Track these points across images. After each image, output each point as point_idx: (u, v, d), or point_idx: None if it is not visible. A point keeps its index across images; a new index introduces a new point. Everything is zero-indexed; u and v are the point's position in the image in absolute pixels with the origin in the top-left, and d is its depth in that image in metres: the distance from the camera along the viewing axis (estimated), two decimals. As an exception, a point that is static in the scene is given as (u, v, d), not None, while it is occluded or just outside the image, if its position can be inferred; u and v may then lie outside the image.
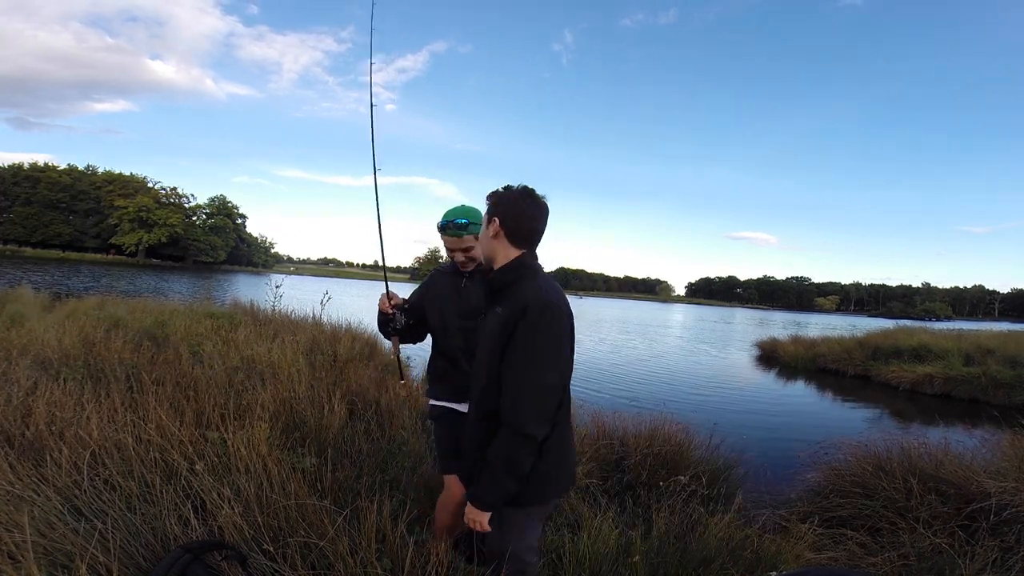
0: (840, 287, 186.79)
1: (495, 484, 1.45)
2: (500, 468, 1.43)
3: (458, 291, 2.11)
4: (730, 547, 2.40)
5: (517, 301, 1.47)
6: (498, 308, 1.53)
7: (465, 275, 2.12)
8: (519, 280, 1.53)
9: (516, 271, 1.54)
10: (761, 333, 21.62)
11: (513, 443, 1.41)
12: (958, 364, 10.53)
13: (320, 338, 5.95)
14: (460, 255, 2.06)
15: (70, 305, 7.95)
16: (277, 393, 3.32)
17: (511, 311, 1.46)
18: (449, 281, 2.15)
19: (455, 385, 2.09)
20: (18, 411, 2.61)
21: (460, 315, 2.08)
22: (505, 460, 1.42)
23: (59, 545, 1.63)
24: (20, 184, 67.33)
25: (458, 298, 2.10)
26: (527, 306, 1.43)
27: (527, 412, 1.40)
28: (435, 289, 2.18)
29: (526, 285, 1.51)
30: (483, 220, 1.63)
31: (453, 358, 2.10)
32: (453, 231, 2.01)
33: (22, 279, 15.49)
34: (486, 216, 1.60)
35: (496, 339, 1.49)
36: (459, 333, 2.07)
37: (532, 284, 1.51)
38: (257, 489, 2.00)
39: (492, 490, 1.46)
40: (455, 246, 2.04)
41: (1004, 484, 2.94)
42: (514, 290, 1.51)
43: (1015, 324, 42.53)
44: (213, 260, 74.94)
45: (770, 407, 8.56)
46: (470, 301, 2.08)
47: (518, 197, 1.56)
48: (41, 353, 3.98)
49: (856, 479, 3.42)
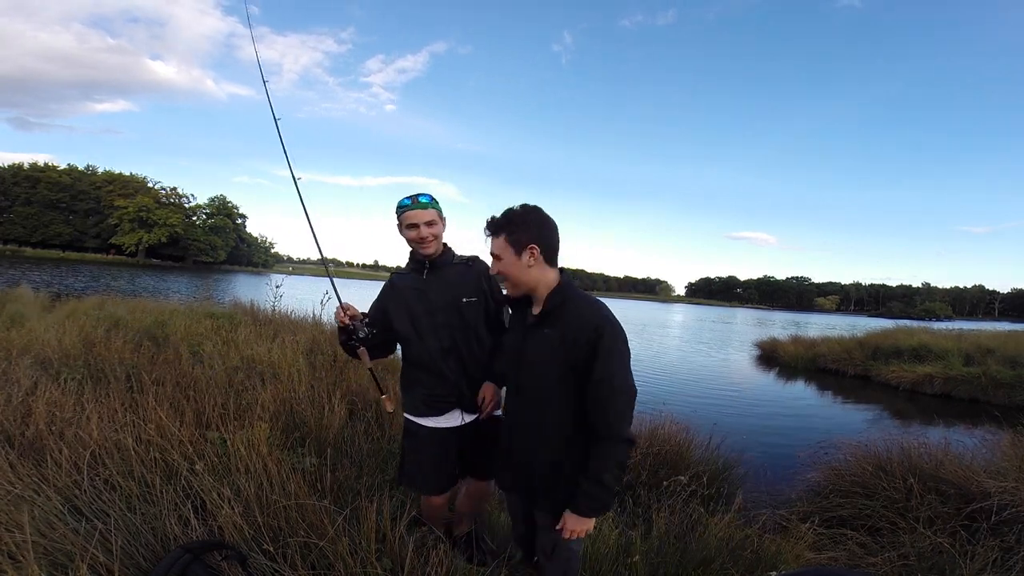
0: (840, 287, 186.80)
1: (608, 491, 1.50)
2: (612, 475, 1.49)
3: (421, 288, 2.01)
4: (730, 547, 2.40)
5: (583, 320, 1.50)
6: (547, 330, 1.55)
7: (426, 268, 2.02)
8: (567, 300, 1.55)
9: (564, 292, 1.57)
10: (761, 333, 21.62)
11: (620, 450, 1.49)
12: (958, 364, 10.52)
13: (320, 338, 5.94)
14: (424, 229, 1.94)
15: (70, 305, 7.94)
16: (277, 393, 3.32)
17: (577, 331, 1.49)
18: (410, 281, 2.04)
19: (433, 395, 1.99)
20: (18, 411, 2.61)
21: (431, 312, 1.98)
22: (617, 466, 1.50)
23: (59, 545, 1.63)
24: (20, 184, 67.32)
25: (424, 296, 2.00)
26: (600, 325, 1.47)
27: (625, 420, 1.49)
28: (398, 293, 2.05)
29: (581, 304, 1.54)
30: (502, 250, 1.57)
31: (429, 364, 1.99)
32: (418, 204, 1.95)
33: (22, 279, 15.50)
34: (511, 245, 1.55)
35: (560, 363, 1.52)
36: (434, 332, 1.97)
37: (586, 302, 1.56)
38: (257, 489, 2.00)
39: (607, 498, 1.52)
40: (421, 218, 1.94)
41: (1004, 484, 2.94)
42: (568, 310, 1.54)
43: (1015, 324, 42.51)
44: (213, 260, 74.92)
45: (770, 407, 8.56)
46: (438, 295, 1.99)
47: (543, 216, 1.58)
48: (41, 353, 3.98)
49: (856, 479, 3.42)
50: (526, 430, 1.65)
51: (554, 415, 1.57)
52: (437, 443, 2.02)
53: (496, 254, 1.59)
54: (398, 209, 1.99)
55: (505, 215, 1.58)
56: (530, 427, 1.63)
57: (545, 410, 1.59)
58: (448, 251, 2.08)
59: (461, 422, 2.01)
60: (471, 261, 2.08)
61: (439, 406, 2.00)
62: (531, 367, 1.61)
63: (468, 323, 1.99)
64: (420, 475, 2.07)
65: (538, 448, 1.61)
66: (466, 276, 2.04)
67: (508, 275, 1.59)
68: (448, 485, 2.10)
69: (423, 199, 1.97)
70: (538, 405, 1.60)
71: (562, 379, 1.53)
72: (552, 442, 1.59)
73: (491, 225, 1.59)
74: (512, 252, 1.55)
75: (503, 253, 1.57)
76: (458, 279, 2.02)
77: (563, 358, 1.51)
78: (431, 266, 2.02)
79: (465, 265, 2.07)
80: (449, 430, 2.02)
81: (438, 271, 2.02)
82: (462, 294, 2.00)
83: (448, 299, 1.99)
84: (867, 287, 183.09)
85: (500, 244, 1.57)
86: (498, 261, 1.59)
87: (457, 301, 1.99)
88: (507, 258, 1.56)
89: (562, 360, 1.51)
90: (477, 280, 2.04)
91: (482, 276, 2.05)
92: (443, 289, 2.00)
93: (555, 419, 1.57)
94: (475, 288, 2.02)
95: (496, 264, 1.60)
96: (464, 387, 1.99)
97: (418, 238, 1.96)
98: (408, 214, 1.96)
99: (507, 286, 1.65)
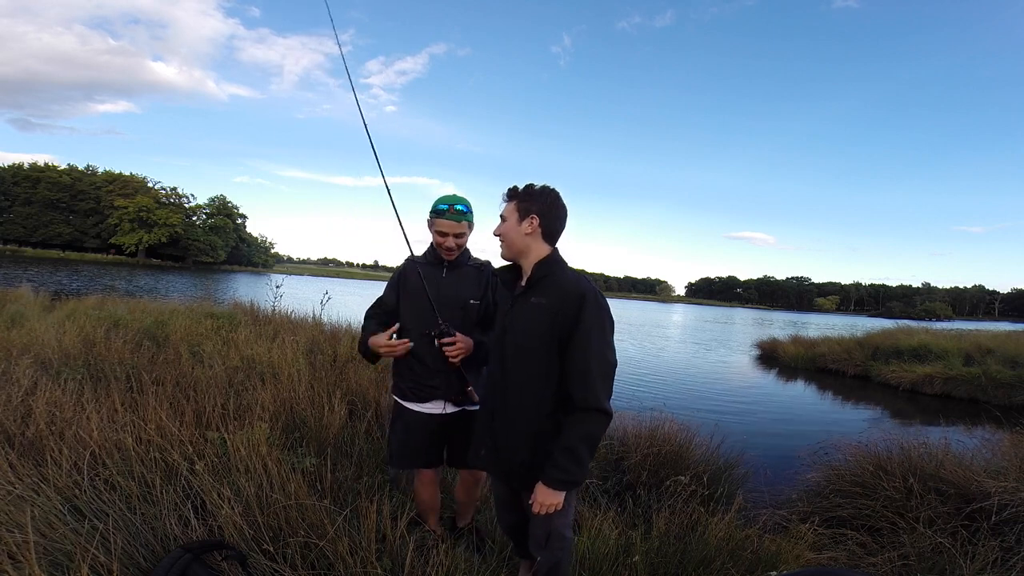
0: (840, 287, 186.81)
1: (579, 463, 1.49)
2: (585, 447, 1.48)
3: (435, 283, 2.06)
4: (730, 547, 2.40)
5: (567, 290, 1.55)
6: (534, 299, 1.60)
7: (445, 266, 2.09)
8: (553, 272, 1.62)
9: (551, 265, 1.63)
10: (761, 333, 21.61)
11: (594, 420, 1.49)
12: (958, 364, 10.52)
13: (320, 338, 5.94)
14: (452, 240, 2.03)
15: (70, 305, 7.93)
16: (277, 393, 3.32)
17: (561, 300, 1.54)
18: (426, 273, 2.08)
19: (420, 385, 2.07)
20: (18, 411, 2.60)
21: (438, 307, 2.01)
22: (589, 437, 1.49)
23: (60, 545, 1.63)
24: (20, 184, 67.25)
25: (436, 291, 2.04)
26: (583, 294, 1.52)
27: (602, 390, 1.49)
28: (411, 282, 2.11)
29: (566, 276, 1.61)
30: (510, 214, 1.66)
31: (422, 356, 2.04)
32: (455, 216, 2.01)
33: (22, 279, 15.49)
34: (518, 211, 1.64)
35: (545, 331, 1.55)
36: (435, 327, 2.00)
37: (572, 274, 1.62)
38: (257, 489, 2.00)
39: (577, 470, 1.50)
40: (452, 230, 2.01)
41: (1004, 484, 2.94)
42: (553, 281, 1.60)
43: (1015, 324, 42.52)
44: (213, 260, 74.85)
45: (770, 407, 8.56)
46: (448, 293, 2.05)
47: (556, 197, 1.66)
48: (41, 353, 3.97)
49: (856, 479, 3.41)
50: (508, 409, 1.65)
51: (537, 389, 1.58)
52: (420, 424, 2.10)
53: (503, 215, 1.68)
54: (433, 211, 2.05)
55: (525, 187, 1.67)
56: (512, 405, 1.64)
57: (528, 384, 1.60)
58: (465, 252, 2.17)
59: (443, 410, 2.08)
60: (483, 266, 2.17)
61: (423, 395, 2.08)
62: (516, 336, 1.63)
63: (468, 323, 2.07)
64: (400, 452, 2.16)
65: (521, 427, 1.62)
66: (476, 279, 2.13)
67: (504, 234, 1.67)
68: (426, 464, 2.17)
69: (459, 208, 2.02)
70: (522, 379, 1.61)
71: (546, 347, 1.55)
72: (534, 421, 1.59)
73: (510, 192, 1.69)
74: (516, 217, 1.65)
75: (508, 216, 1.66)
76: (469, 281, 2.11)
77: (548, 327, 1.54)
78: (449, 264, 2.11)
79: (477, 269, 2.15)
80: (431, 415, 2.09)
81: (454, 270, 2.11)
82: (469, 295, 2.09)
83: (456, 298, 2.06)
84: (867, 287, 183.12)
85: (509, 208, 1.67)
86: (502, 222, 1.68)
87: (464, 301, 2.08)
88: (510, 221, 1.66)
89: (547, 328, 1.55)
90: (484, 284, 2.13)
91: (490, 283, 2.14)
92: (454, 288, 2.08)
93: (538, 394, 1.58)
94: (481, 292, 2.12)
95: (499, 225, 1.69)
96: (453, 381, 2.05)
97: (444, 246, 2.05)
98: (441, 222, 2.02)
99: (501, 247, 1.71)
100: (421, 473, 2.21)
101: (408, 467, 2.29)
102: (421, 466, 2.18)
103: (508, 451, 1.66)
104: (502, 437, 1.67)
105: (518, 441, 1.63)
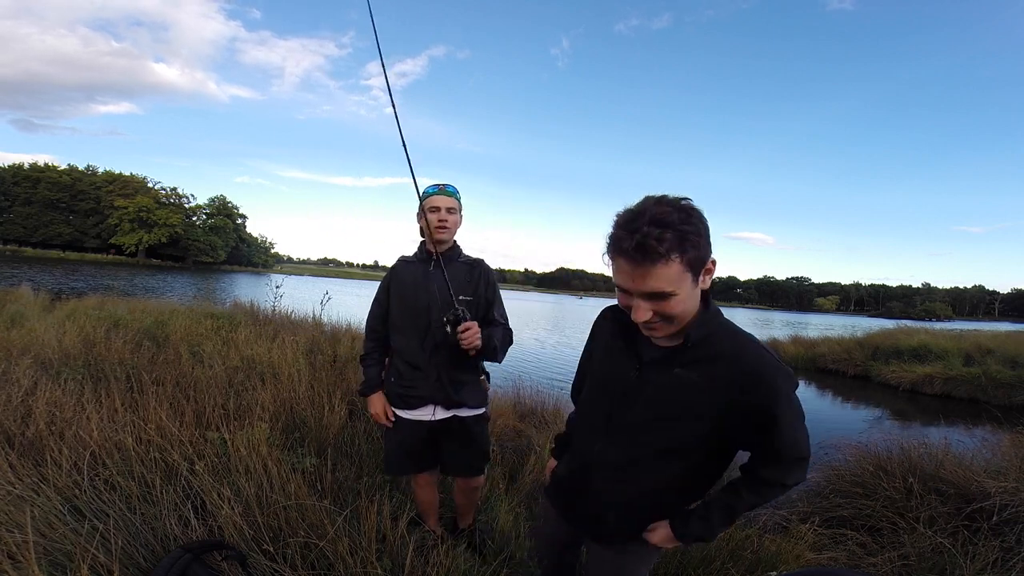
0: (840, 287, 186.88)
1: (727, 526, 1.25)
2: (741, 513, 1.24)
3: (423, 281, 2.02)
4: (730, 547, 2.40)
5: (741, 368, 1.08)
6: (680, 370, 1.13)
7: (432, 261, 2.03)
8: (717, 334, 1.13)
9: (709, 322, 1.13)
10: (761, 333, 21.54)
11: (767, 495, 1.22)
12: (958, 364, 10.52)
13: (320, 338, 5.93)
14: (444, 213, 1.98)
15: (70, 305, 7.93)
16: (277, 393, 3.31)
17: (733, 382, 1.09)
18: (414, 271, 2.06)
19: (408, 390, 2.02)
20: (18, 411, 2.60)
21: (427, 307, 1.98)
22: (749, 507, 1.23)
23: (59, 545, 1.63)
24: (20, 184, 67.26)
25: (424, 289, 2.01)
26: (772, 376, 1.07)
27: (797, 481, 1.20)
28: (399, 282, 2.08)
29: (737, 343, 1.11)
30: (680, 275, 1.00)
31: (411, 358, 2.00)
32: (444, 192, 2.01)
33: (22, 279, 15.49)
34: (690, 266, 1.00)
35: (696, 416, 1.14)
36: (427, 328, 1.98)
37: (747, 341, 1.12)
38: (257, 489, 2.00)
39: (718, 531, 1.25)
40: (444, 203, 1.99)
41: (1004, 484, 2.94)
42: (717, 350, 1.10)
43: (1015, 324, 42.49)
44: (213, 260, 74.87)
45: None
46: (438, 291, 1.99)
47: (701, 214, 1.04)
48: (41, 353, 3.97)
49: (856, 479, 3.41)
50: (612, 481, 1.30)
51: (664, 474, 1.23)
52: (407, 430, 2.08)
53: (666, 291, 1.00)
54: (423, 195, 2.03)
55: (666, 222, 0.95)
56: (622, 481, 1.28)
57: (652, 467, 1.23)
58: (456, 247, 2.12)
59: (432, 416, 2.04)
60: (475, 263, 2.11)
61: (412, 402, 2.04)
62: (648, 412, 1.20)
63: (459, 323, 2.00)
64: (391, 460, 2.16)
65: (626, 503, 1.29)
66: (467, 276, 2.06)
67: (679, 314, 1.05)
68: (419, 470, 2.16)
69: (449, 188, 2.04)
70: (641, 459, 1.24)
71: (694, 436, 1.16)
72: (648, 503, 1.28)
73: (654, 251, 0.96)
74: (691, 280, 1.02)
75: (679, 286, 1.00)
76: (459, 278, 2.03)
77: (707, 413, 1.12)
78: (437, 260, 2.03)
79: (468, 265, 2.09)
80: (420, 422, 2.06)
81: (445, 266, 2.02)
82: (461, 292, 2.01)
83: (447, 297, 1.98)
84: (867, 287, 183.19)
85: (673, 274, 0.98)
86: (665, 301, 1.02)
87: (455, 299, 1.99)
88: (683, 291, 1.01)
89: (705, 416, 1.13)
90: (476, 282, 2.06)
91: (482, 279, 2.08)
92: (444, 286, 1.99)
93: (663, 478, 1.24)
94: (473, 290, 2.05)
95: (664, 303, 1.02)
96: (445, 384, 2.00)
97: (437, 221, 1.99)
98: (433, 198, 2.01)
99: (658, 328, 1.09)
100: (417, 476, 2.21)
101: (401, 474, 2.29)
102: (414, 472, 2.18)
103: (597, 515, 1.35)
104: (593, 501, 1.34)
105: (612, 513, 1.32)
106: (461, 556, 1.97)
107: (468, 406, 2.06)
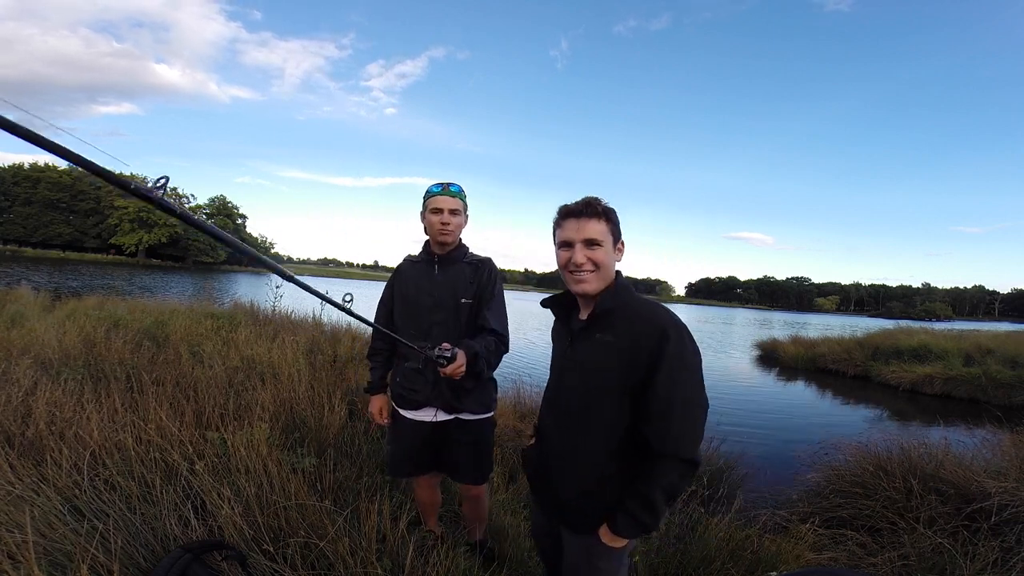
0: (840, 287, 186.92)
1: (654, 513, 1.32)
2: (663, 497, 1.30)
3: (427, 283, 2.01)
4: (730, 547, 2.40)
5: (642, 325, 1.33)
6: (599, 334, 1.39)
7: (437, 263, 2.02)
8: (624, 303, 1.40)
9: (620, 294, 1.42)
10: (761, 333, 21.60)
11: (679, 470, 1.31)
12: (958, 364, 10.52)
13: (320, 338, 5.93)
14: (447, 215, 1.96)
15: (70, 305, 7.93)
16: (277, 393, 3.31)
17: (635, 337, 1.32)
18: (418, 272, 2.05)
19: (410, 391, 2.02)
20: (18, 411, 2.60)
21: (430, 309, 1.98)
22: (671, 488, 1.31)
23: (59, 545, 1.63)
24: (20, 184, 67.24)
25: (428, 291, 2.00)
26: (664, 329, 1.29)
27: (691, 437, 1.31)
28: (403, 282, 2.07)
29: (640, 307, 1.38)
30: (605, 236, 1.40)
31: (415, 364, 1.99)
32: (448, 193, 1.98)
33: (22, 279, 15.48)
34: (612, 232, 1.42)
35: (614, 372, 1.36)
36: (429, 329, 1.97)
37: (647, 305, 1.39)
38: (257, 489, 2.00)
39: (650, 521, 1.33)
40: (447, 204, 1.96)
41: (1004, 484, 2.94)
42: (625, 313, 1.38)
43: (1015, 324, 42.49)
44: (213, 260, 74.91)
45: (770, 407, 8.55)
46: (442, 293, 1.98)
47: None
48: (41, 353, 3.97)
49: (856, 479, 3.42)
50: (562, 453, 1.50)
51: (597, 434, 1.41)
52: (409, 431, 2.06)
53: (597, 240, 1.40)
54: (426, 194, 2.01)
55: (604, 204, 1.43)
56: (566, 449, 1.48)
57: (587, 428, 1.42)
58: (462, 247, 2.09)
59: (434, 417, 2.02)
60: (480, 263, 2.07)
61: (413, 402, 2.03)
62: (578, 377, 1.45)
63: (462, 324, 1.99)
64: (393, 460, 2.15)
65: (573, 472, 1.46)
66: (471, 277, 2.03)
67: (604, 264, 1.41)
68: (420, 472, 2.15)
69: (453, 188, 2.00)
70: (579, 422, 1.44)
71: (613, 391, 1.36)
72: (589, 467, 1.43)
73: (594, 208, 1.41)
74: (611, 242, 1.42)
75: (605, 240, 1.41)
76: (464, 279, 2.01)
77: (618, 367, 1.35)
78: (441, 261, 2.01)
79: (473, 266, 2.05)
80: (422, 423, 2.04)
81: (448, 267, 2.02)
82: (463, 295, 1.99)
83: (450, 298, 1.98)
84: (867, 287, 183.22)
85: (602, 230, 1.40)
86: (597, 247, 1.41)
87: (457, 301, 1.99)
88: (607, 246, 1.41)
89: (617, 369, 1.35)
90: (479, 282, 2.03)
91: (484, 279, 2.04)
92: (448, 287, 1.99)
93: (597, 439, 1.41)
94: (475, 291, 2.02)
95: (595, 250, 1.40)
96: (443, 388, 1.97)
97: (440, 223, 1.96)
98: (436, 198, 1.98)
99: (588, 278, 1.42)
100: (418, 478, 2.19)
101: (402, 475, 2.26)
102: (415, 474, 2.16)
103: (558, 491, 1.51)
104: (555, 472, 1.52)
105: (568, 487, 1.47)
106: (461, 556, 1.97)
107: (470, 410, 2.03)
